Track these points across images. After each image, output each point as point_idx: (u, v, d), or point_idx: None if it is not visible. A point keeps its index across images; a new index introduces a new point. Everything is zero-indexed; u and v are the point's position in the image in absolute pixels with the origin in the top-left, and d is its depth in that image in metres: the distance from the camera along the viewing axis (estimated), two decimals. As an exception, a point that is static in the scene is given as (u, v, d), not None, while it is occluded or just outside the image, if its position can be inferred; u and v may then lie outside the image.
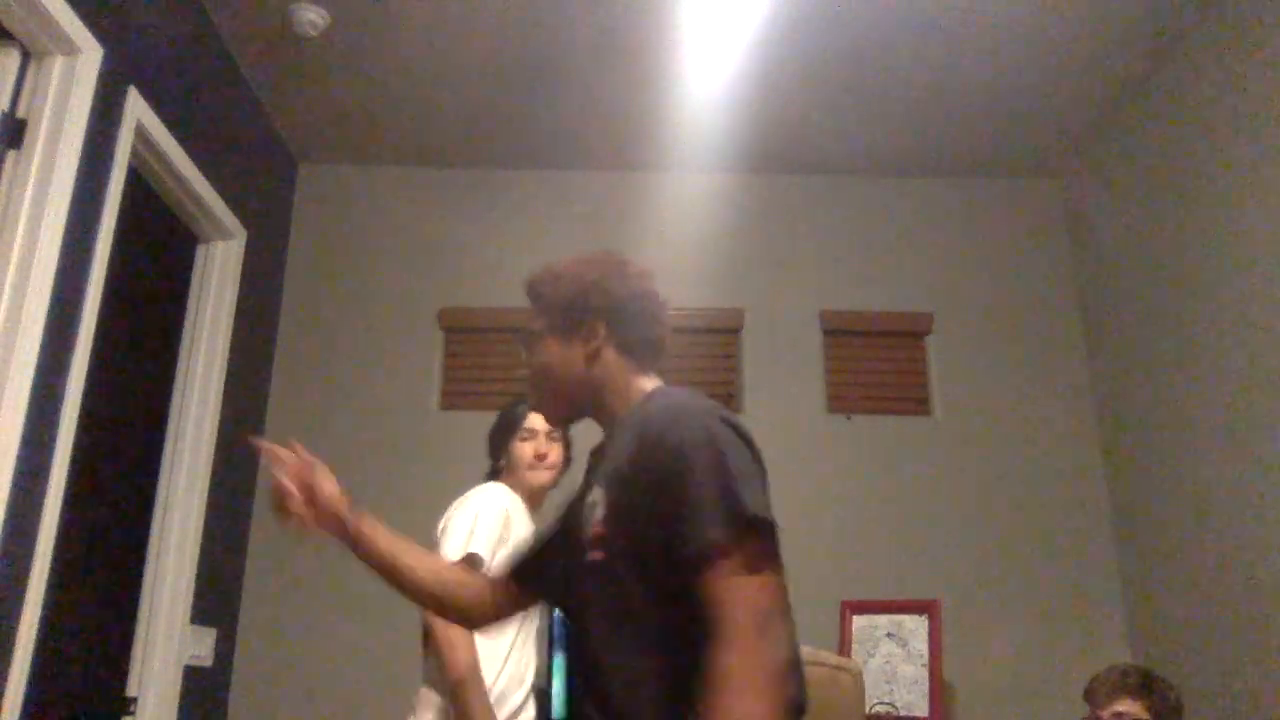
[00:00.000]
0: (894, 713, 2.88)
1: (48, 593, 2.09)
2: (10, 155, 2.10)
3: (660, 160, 3.63)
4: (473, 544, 2.03)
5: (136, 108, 2.45)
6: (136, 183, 2.61)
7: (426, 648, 2.08)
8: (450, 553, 2.05)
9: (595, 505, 1.20)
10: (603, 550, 1.17)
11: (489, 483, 2.24)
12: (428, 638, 2.05)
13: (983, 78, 3.18)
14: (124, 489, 2.95)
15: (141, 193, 2.69)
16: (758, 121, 3.40)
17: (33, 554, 2.05)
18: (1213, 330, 2.82)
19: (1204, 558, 2.82)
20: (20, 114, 2.13)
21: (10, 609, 1.99)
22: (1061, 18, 2.89)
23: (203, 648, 2.89)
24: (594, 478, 1.27)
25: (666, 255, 3.57)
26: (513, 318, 1.43)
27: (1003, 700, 3.12)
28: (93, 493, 2.71)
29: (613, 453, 1.24)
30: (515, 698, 2.06)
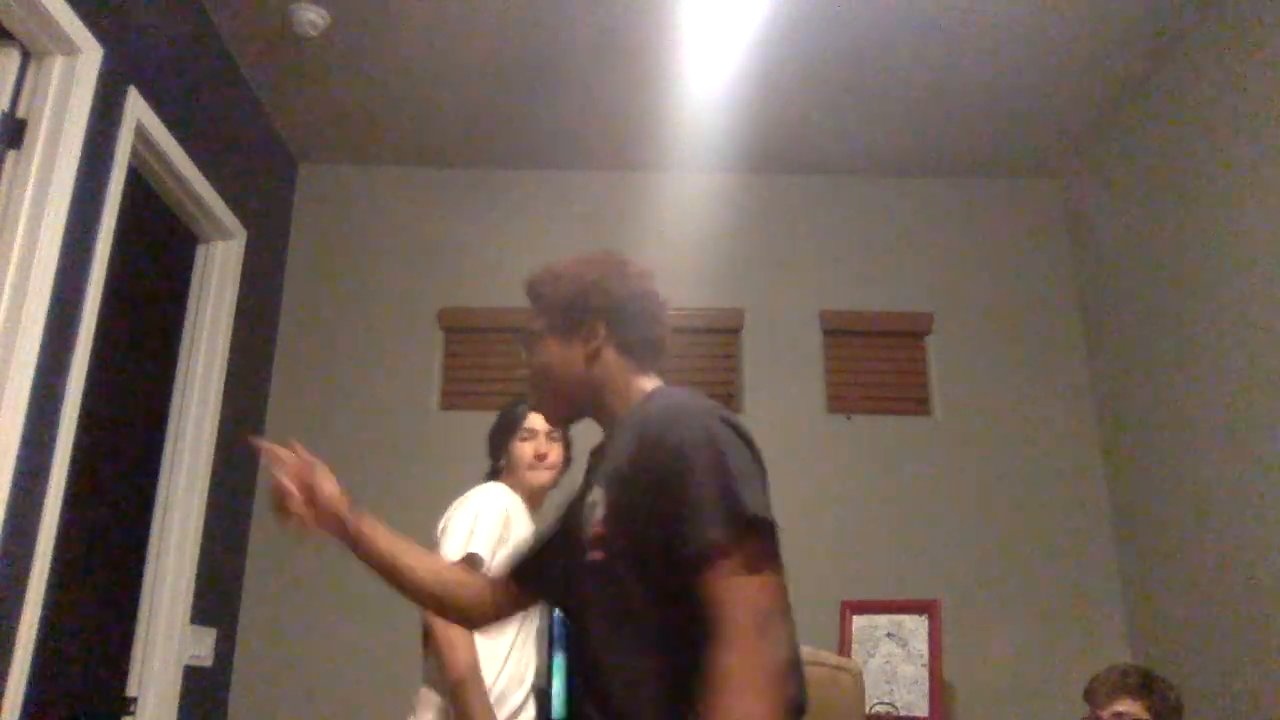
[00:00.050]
0: (894, 713, 2.88)
1: (48, 593, 2.09)
2: (10, 155, 2.10)
3: (660, 160, 3.63)
4: (472, 544, 2.03)
5: (136, 108, 2.45)
6: (136, 183, 2.61)
7: (427, 648, 2.08)
8: (450, 553, 2.04)
9: (595, 505, 1.20)
10: (603, 550, 1.17)
11: (489, 483, 2.24)
12: (428, 638, 2.05)
13: (983, 78, 3.18)
14: (124, 489, 2.95)
15: (141, 193, 2.69)
16: (758, 121, 3.40)
17: (33, 554, 2.05)
18: (1213, 330, 2.82)
19: (1204, 558, 2.82)
20: (20, 114, 2.13)
21: (10, 609, 1.99)
22: (1061, 18, 2.89)
23: (203, 648, 2.89)
24: (594, 478, 1.27)
25: (666, 255, 3.57)
26: (513, 318, 1.42)
27: (1003, 700, 3.12)
28: (93, 493, 2.71)
29: (613, 453, 1.24)
30: (515, 698, 2.06)
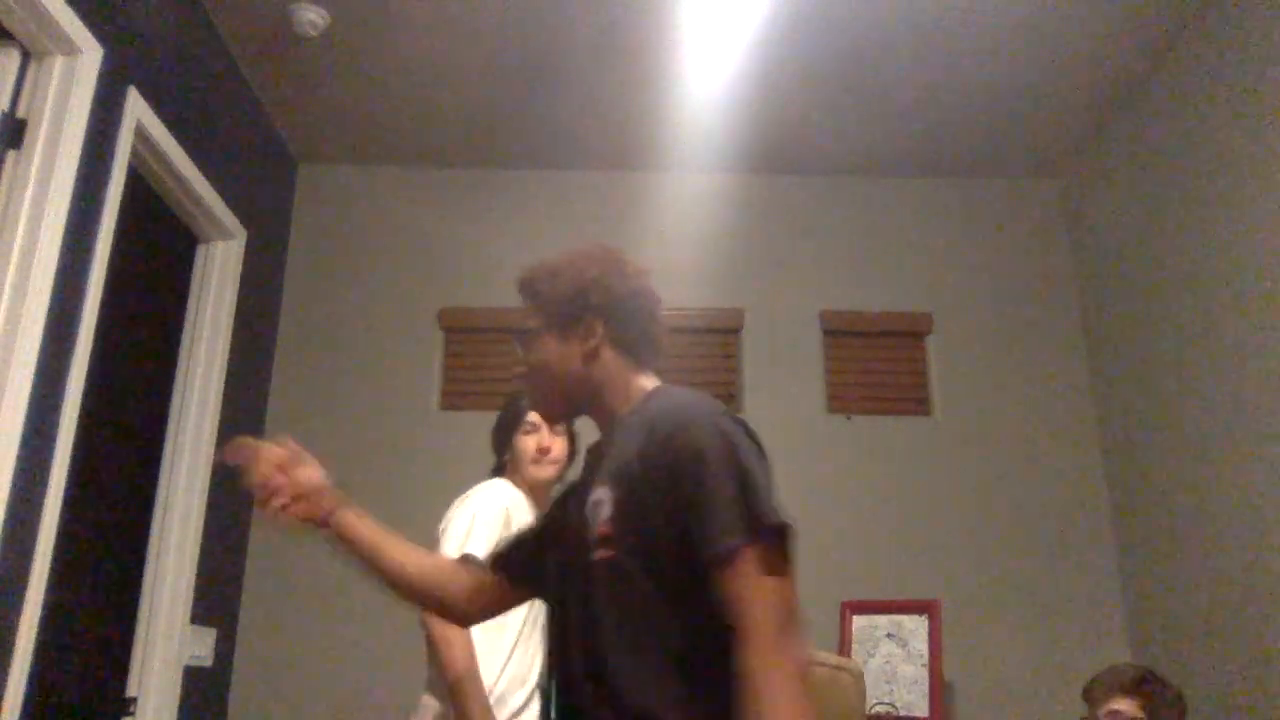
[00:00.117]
0: (894, 713, 2.88)
1: (48, 593, 2.09)
2: (10, 155, 2.10)
3: (660, 160, 3.63)
4: (469, 545, 2.03)
5: (136, 108, 2.45)
6: (136, 183, 2.61)
7: (431, 655, 2.08)
8: (447, 554, 2.05)
9: (601, 504, 1.19)
10: (610, 549, 1.16)
11: (493, 479, 2.24)
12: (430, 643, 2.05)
13: (983, 78, 3.18)
14: (124, 489, 2.95)
15: (141, 193, 2.69)
16: (758, 121, 3.40)
17: (33, 554, 2.05)
18: (1213, 330, 2.82)
19: (1204, 558, 2.82)
20: (20, 114, 2.13)
21: (10, 609, 1.99)
22: (1061, 18, 2.89)
23: (203, 648, 2.89)
24: (596, 475, 1.26)
25: (666, 255, 3.58)
26: (513, 318, 1.41)
27: (1003, 700, 3.12)
28: (93, 493, 2.71)
29: (616, 451, 1.23)
30: (516, 698, 2.06)
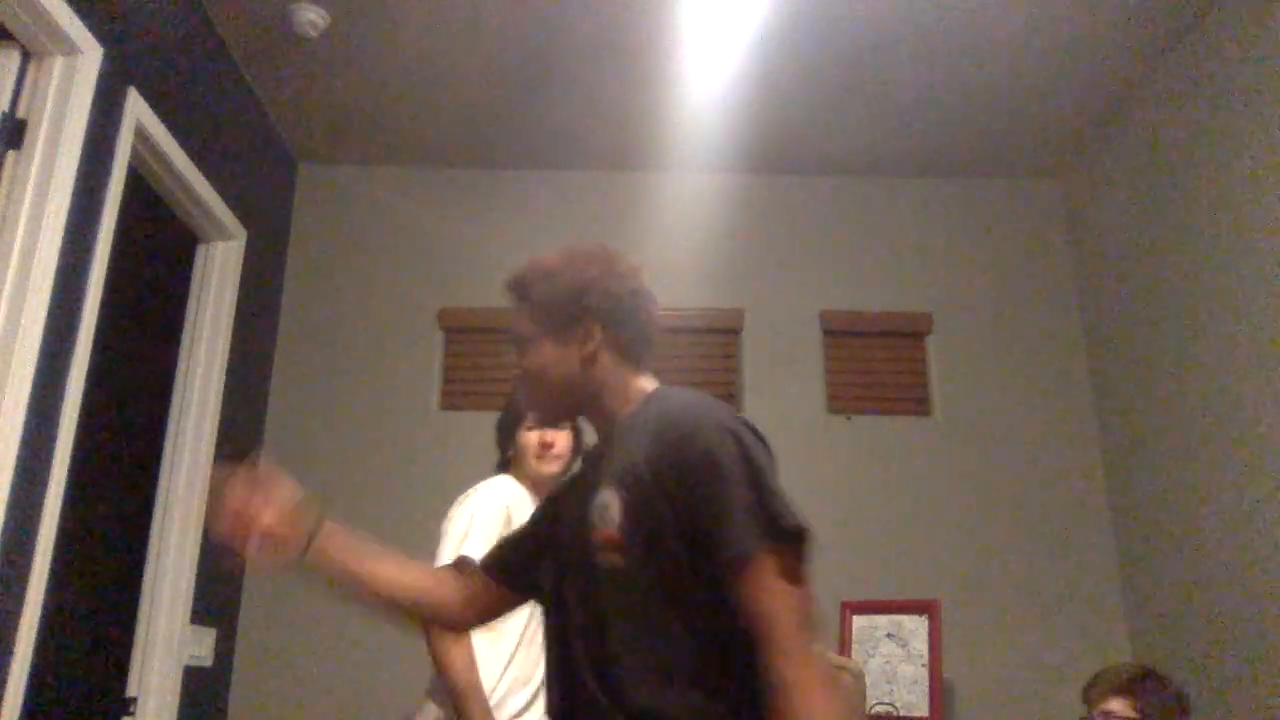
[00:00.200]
0: (894, 713, 2.88)
1: (48, 593, 2.09)
2: (10, 155, 2.10)
3: (660, 160, 3.63)
4: (466, 546, 2.03)
5: (136, 108, 2.45)
6: (136, 183, 2.61)
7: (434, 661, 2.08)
8: (443, 555, 2.05)
9: (608, 508, 1.18)
10: (619, 553, 1.15)
11: (497, 476, 2.24)
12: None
13: (983, 78, 3.18)
14: (124, 489, 2.95)
15: (141, 193, 2.69)
16: (758, 121, 3.40)
17: (33, 554, 2.05)
18: (1212, 330, 2.82)
19: (1204, 557, 2.82)
20: (20, 114, 2.13)
21: (10, 609, 1.99)
22: (1061, 18, 2.89)
23: (203, 648, 2.89)
24: (598, 478, 1.24)
25: (666, 255, 3.58)
26: (511, 318, 1.39)
27: (1003, 700, 3.12)
28: (93, 493, 2.71)
29: (620, 454, 1.22)
30: (517, 700, 2.05)
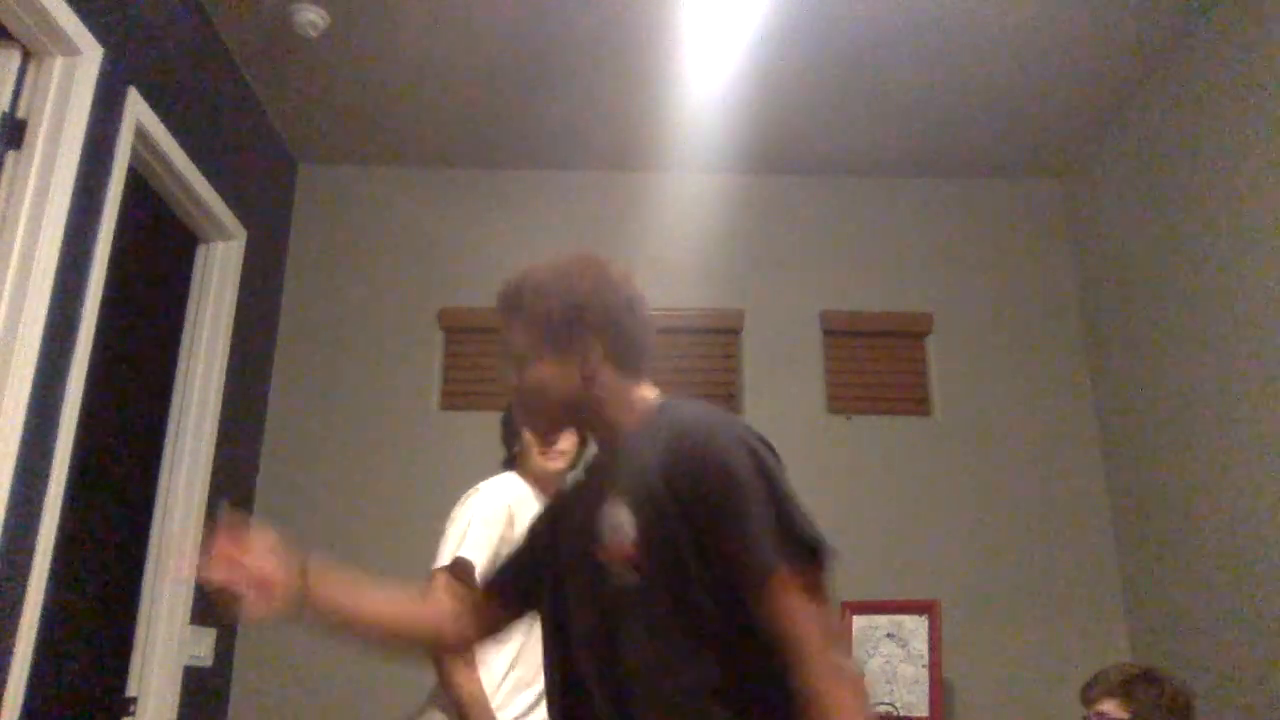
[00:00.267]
0: (894, 713, 2.88)
1: (48, 593, 2.09)
2: (10, 155, 2.10)
3: (660, 160, 3.63)
4: (464, 548, 2.04)
5: (136, 108, 2.45)
6: (136, 183, 2.61)
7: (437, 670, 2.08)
8: (442, 556, 2.05)
9: (621, 525, 1.16)
10: (635, 570, 1.14)
11: (503, 473, 2.24)
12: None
13: (983, 78, 3.18)
14: (124, 489, 2.95)
15: (141, 193, 2.69)
16: (758, 121, 3.40)
17: (33, 554, 2.05)
18: (1213, 330, 2.82)
19: (1204, 557, 2.82)
20: (20, 114, 2.13)
21: (10, 609, 1.99)
22: (1062, 18, 2.89)
23: (203, 648, 2.89)
24: (606, 493, 1.21)
25: (666, 255, 3.58)
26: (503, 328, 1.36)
27: (1003, 700, 3.12)
28: (93, 493, 2.71)
29: (631, 469, 1.20)
30: (519, 703, 2.05)
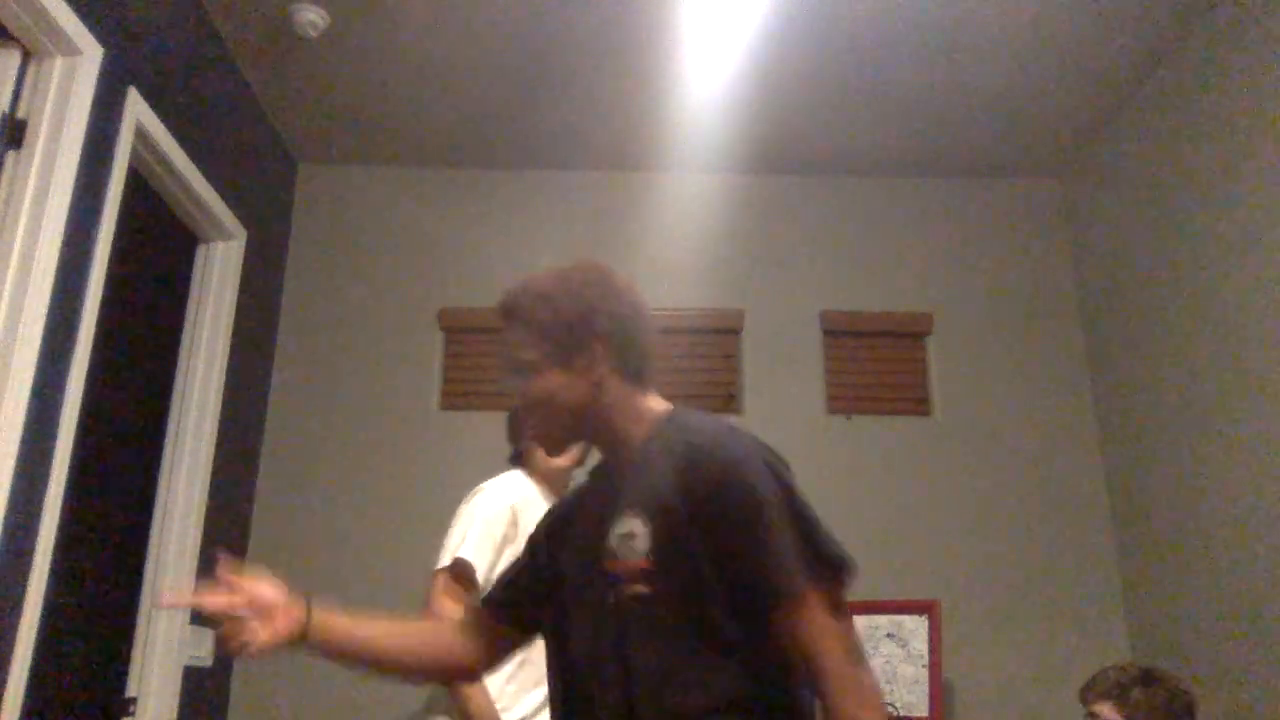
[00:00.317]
0: (894, 713, 2.88)
1: (48, 593, 2.09)
2: (10, 155, 2.10)
3: (660, 160, 3.63)
4: (464, 549, 2.04)
5: (136, 108, 2.45)
6: (136, 183, 2.61)
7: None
8: (442, 558, 2.06)
9: (634, 537, 1.15)
10: (646, 582, 1.13)
11: (509, 471, 2.25)
12: None
13: (983, 78, 3.18)
14: (124, 489, 2.95)
15: (141, 193, 2.69)
16: (758, 121, 3.40)
17: (33, 554, 2.05)
18: (1212, 330, 2.82)
19: (1204, 557, 2.82)
20: (20, 114, 2.13)
21: (10, 609, 1.99)
22: (1062, 18, 2.89)
23: (203, 648, 2.89)
24: (617, 505, 1.21)
25: (666, 255, 3.58)
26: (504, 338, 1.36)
27: (1003, 700, 3.12)
28: (93, 493, 2.71)
29: (643, 481, 1.19)
30: (525, 704, 2.05)
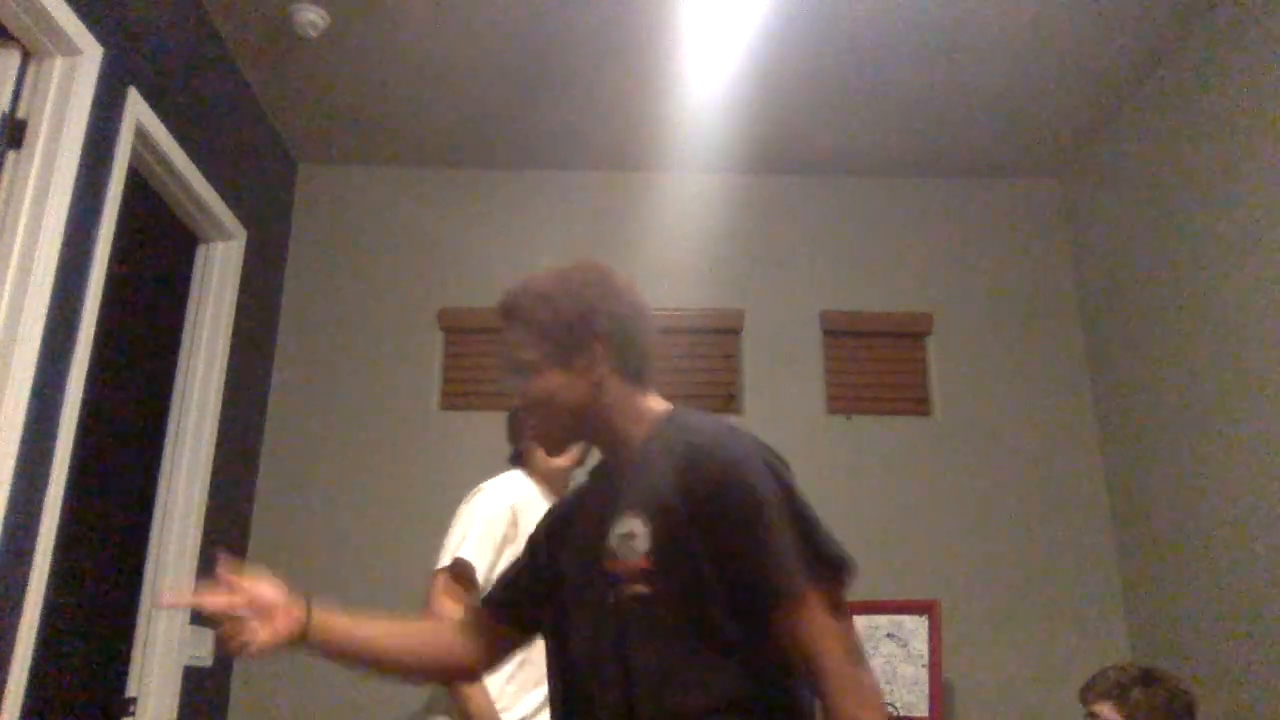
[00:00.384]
0: (894, 713, 2.88)
1: (48, 593, 2.09)
2: (10, 155, 2.10)
3: (660, 160, 3.63)
4: (463, 549, 2.04)
5: (136, 108, 2.45)
6: (136, 183, 2.61)
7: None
8: (441, 559, 2.06)
9: (634, 537, 1.15)
10: (648, 584, 1.13)
11: (509, 471, 2.25)
12: None
13: (983, 78, 3.18)
14: (124, 489, 2.95)
15: (141, 193, 2.69)
16: (758, 121, 3.40)
17: (33, 554, 2.05)
18: (1213, 330, 2.82)
19: (1204, 557, 2.82)
20: (20, 114, 2.13)
21: (10, 609, 1.99)
22: (1062, 18, 2.89)
23: (203, 648, 2.89)
24: (616, 505, 1.21)
25: (666, 255, 3.58)
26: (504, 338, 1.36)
27: (1003, 700, 3.12)
28: (93, 493, 2.71)
29: (643, 481, 1.19)
30: (525, 703, 2.05)
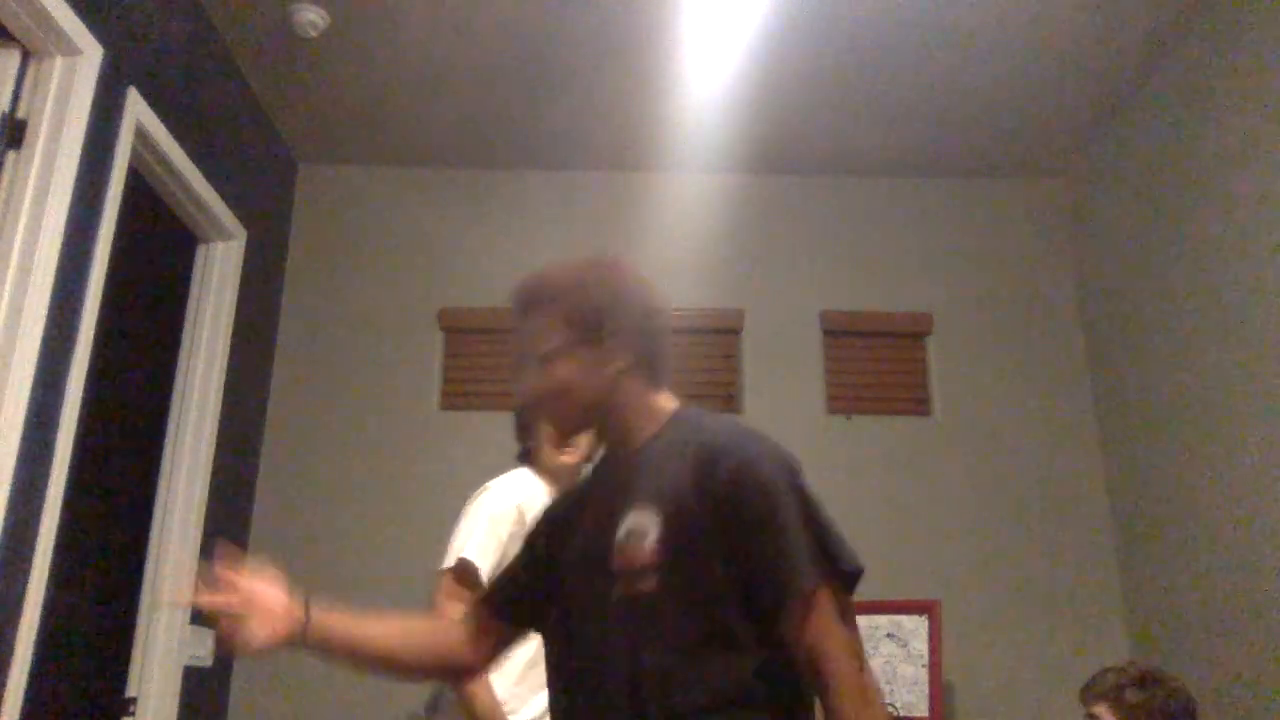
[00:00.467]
0: (894, 713, 2.88)
1: (48, 593, 2.09)
2: (10, 155, 2.10)
3: (660, 160, 3.63)
4: (467, 550, 2.04)
5: (136, 108, 2.45)
6: (136, 183, 2.61)
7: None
8: (446, 559, 2.06)
9: (642, 531, 1.15)
10: (655, 580, 1.13)
11: (516, 469, 2.25)
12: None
13: (984, 77, 3.17)
14: (124, 489, 2.95)
15: (141, 193, 2.69)
16: (758, 121, 3.40)
17: (33, 554, 2.05)
18: (1213, 330, 2.82)
19: (1204, 557, 2.82)
20: (20, 114, 2.13)
21: (10, 609, 1.99)
22: (1062, 18, 2.89)
23: (203, 648, 2.89)
24: (622, 499, 1.21)
25: (666, 255, 3.57)
26: (515, 329, 1.37)
27: (1003, 700, 3.12)
28: (93, 492, 2.71)
29: (652, 477, 1.19)
30: (534, 704, 2.05)
